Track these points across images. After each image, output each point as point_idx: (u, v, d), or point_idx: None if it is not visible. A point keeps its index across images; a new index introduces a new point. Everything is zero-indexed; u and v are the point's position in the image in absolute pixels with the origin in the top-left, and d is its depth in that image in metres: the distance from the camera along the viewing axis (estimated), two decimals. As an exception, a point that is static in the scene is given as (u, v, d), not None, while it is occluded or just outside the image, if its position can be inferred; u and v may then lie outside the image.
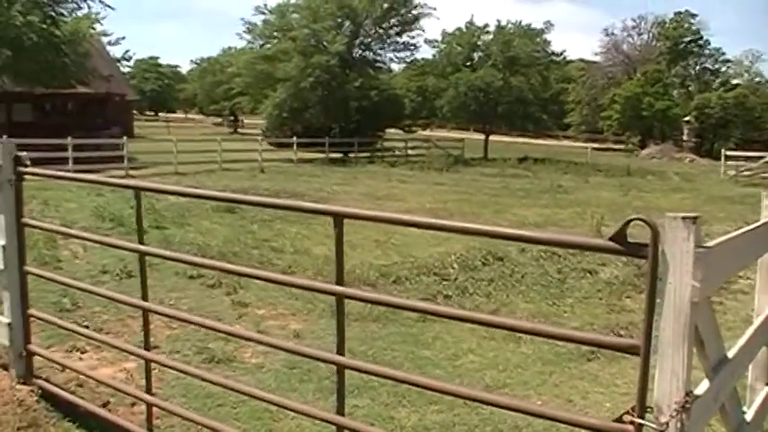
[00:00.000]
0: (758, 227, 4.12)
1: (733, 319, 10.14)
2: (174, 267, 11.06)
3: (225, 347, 7.85)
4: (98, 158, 29.50)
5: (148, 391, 5.34)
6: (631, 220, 2.89)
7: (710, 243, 2.98)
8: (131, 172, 29.91)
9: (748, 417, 4.30)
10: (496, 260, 13.30)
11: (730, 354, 3.67)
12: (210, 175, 30.78)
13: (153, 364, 5.53)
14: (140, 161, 33.63)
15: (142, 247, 5.20)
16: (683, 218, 2.76)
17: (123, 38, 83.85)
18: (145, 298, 5.25)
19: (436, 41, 55.45)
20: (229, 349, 7.86)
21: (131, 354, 6.02)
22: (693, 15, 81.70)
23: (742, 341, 4.07)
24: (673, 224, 2.75)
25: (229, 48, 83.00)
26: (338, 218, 3.89)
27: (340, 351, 3.97)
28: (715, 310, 9.62)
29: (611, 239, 2.93)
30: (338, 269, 3.94)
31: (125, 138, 32.51)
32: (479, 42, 54.71)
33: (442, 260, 13.20)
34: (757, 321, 4.75)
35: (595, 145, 66.03)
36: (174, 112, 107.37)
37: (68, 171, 26.92)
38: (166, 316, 6.64)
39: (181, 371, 5.73)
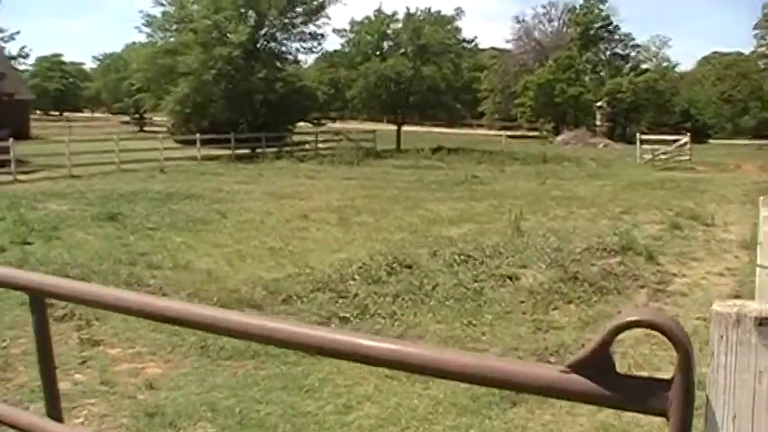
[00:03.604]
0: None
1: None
2: (22, 297, 9.15)
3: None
4: (-20, 163, 27.07)
5: None
6: (624, 327, 1.29)
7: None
8: (20, 176, 27.49)
9: None
10: (404, 268, 11.69)
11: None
12: (106, 176, 28.53)
13: None
14: (33, 164, 31.17)
15: None
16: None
17: (18, 32, 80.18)
18: None
19: (345, 31, 53.77)
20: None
21: None
22: (603, 1, 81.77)
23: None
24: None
25: (133, 43, 79.69)
26: (38, 296, 2.17)
27: None
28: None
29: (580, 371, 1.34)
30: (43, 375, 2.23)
31: (11, 140, 29.92)
32: (389, 31, 53.09)
33: (342, 270, 11.52)
34: None
35: (510, 133, 65.10)
36: (80, 111, 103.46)
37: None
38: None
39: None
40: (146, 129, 70.30)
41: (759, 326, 1.17)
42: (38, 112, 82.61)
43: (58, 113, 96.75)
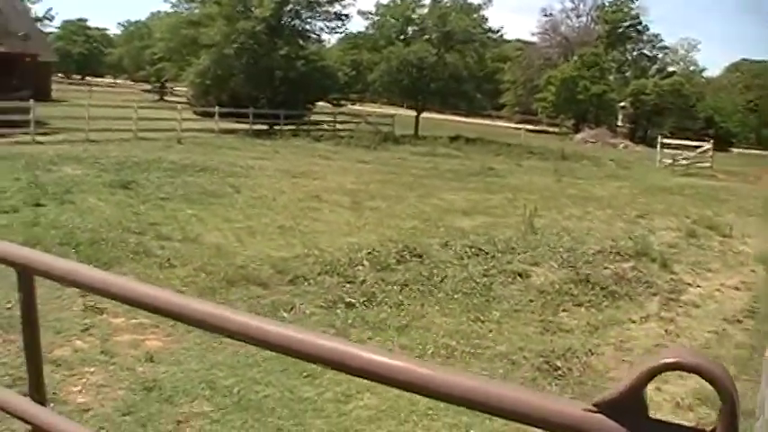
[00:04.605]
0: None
1: (688, 344, 8.57)
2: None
3: (51, 376, 5.97)
4: (1, 122, 26.92)
5: None
6: (662, 370, 1.15)
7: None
8: (39, 138, 27.40)
9: None
10: (414, 257, 11.56)
11: None
12: (123, 143, 28.41)
13: None
14: (52, 126, 31.10)
15: None
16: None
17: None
18: None
19: (370, 13, 53.41)
20: (56, 379, 5.99)
21: None
22: (633, 0, 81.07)
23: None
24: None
25: (158, 11, 79.61)
26: (26, 273, 2.06)
27: None
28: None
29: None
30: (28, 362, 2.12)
31: (32, 101, 29.82)
32: (414, 16, 52.66)
33: (351, 255, 11.41)
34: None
35: (529, 127, 64.73)
36: (102, 76, 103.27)
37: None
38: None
39: None
40: (166, 98, 70.20)
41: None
42: (60, 74, 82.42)
43: (80, 77, 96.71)
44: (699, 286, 11.64)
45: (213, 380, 6.36)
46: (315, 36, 49.37)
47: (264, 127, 39.89)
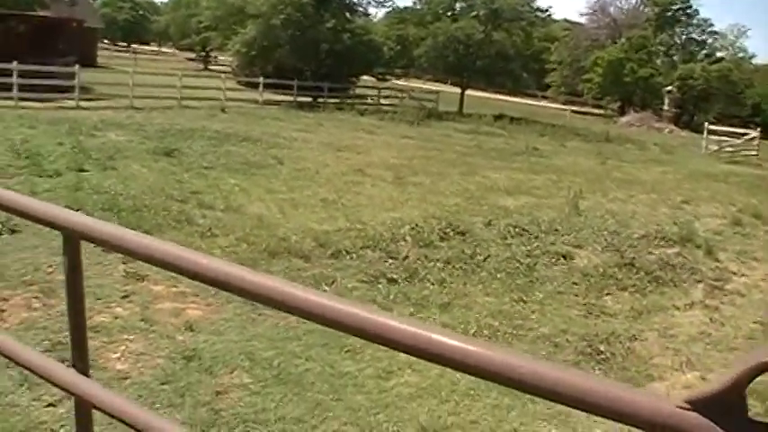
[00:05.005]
0: None
1: (733, 333, 8.38)
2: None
3: (91, 343, 5.94)
4: (46, 87, 27.14)
5: None
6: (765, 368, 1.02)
7: None
8: (83, 103, 27.59)
9: None
10: (457, 234, 11.46)
11: None
12: (166, 111, 28.50)
13: None
14: (96, 92, 31.30)
15: None
16: None
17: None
18: None
19: (418, -12, 53.19)
20: (95, 346, 5.99)
21: None
22: (684, -17, 79.67)
23: None
24: None
25: (206, -22, 79.99)
26: (72, 237, 1.97)
27: None
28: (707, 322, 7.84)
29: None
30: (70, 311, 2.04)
31: (77, 66, 29.98)
32: (462, -8, 52.41)
33: (394, 230, 11.32)
34: None
35: (574, 108, 64.14)
36: (147, 44, 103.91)
37: (12, 98, 24.92)
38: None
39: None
40: (211, 67, 70.40)
41: None
42: (106, 41, 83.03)
43: (125, 45, 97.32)
44: (744, 275, 11.41)
45: (252, 351, 6.31)
46: (362, 9, 49.26)
47: (308, 99, 39.82)
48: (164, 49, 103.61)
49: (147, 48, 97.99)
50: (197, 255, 1.71)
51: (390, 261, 9.64)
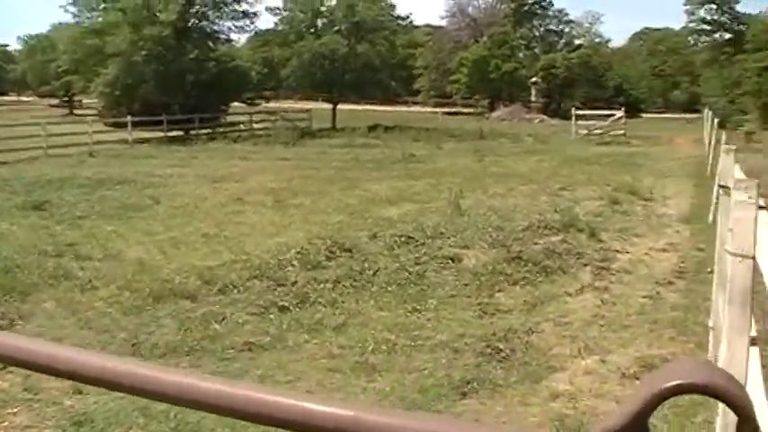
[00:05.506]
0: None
1: (625, 311, 8.54)
2: None
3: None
4: None
5: None
6: (671, 394, 0.91)
7: None
8: (-61, 163, 26.38)
9: None
10: (344, 251, 11.33)
11: None
12: (33, 162, 27.49)
13: None
14: (-47, 150, 29.95)
15: None
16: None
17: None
18: None
19: (278, 9, 52.97)
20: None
21: None
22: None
23: None
24: None
25: (59, 23, 77.63)
26: None
27: None
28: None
29: None
30: None
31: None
32: (322, 8, 52.44)
33: (279, 256, 11.11)
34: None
35: (445, 109, 65.17)
36: (5, 94, 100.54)
37: None
38: None
39: None
40: (76, 112, 68.60)
41: None
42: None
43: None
44: (628, 252, 11.72)
45: (147, 406, 6.02)
46: (224, 36, 49.07)
47: (180, 133, 39.22)
48: (23, 98, 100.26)
49: (5, 98, 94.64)
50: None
51: (279, 289, 9.43)
